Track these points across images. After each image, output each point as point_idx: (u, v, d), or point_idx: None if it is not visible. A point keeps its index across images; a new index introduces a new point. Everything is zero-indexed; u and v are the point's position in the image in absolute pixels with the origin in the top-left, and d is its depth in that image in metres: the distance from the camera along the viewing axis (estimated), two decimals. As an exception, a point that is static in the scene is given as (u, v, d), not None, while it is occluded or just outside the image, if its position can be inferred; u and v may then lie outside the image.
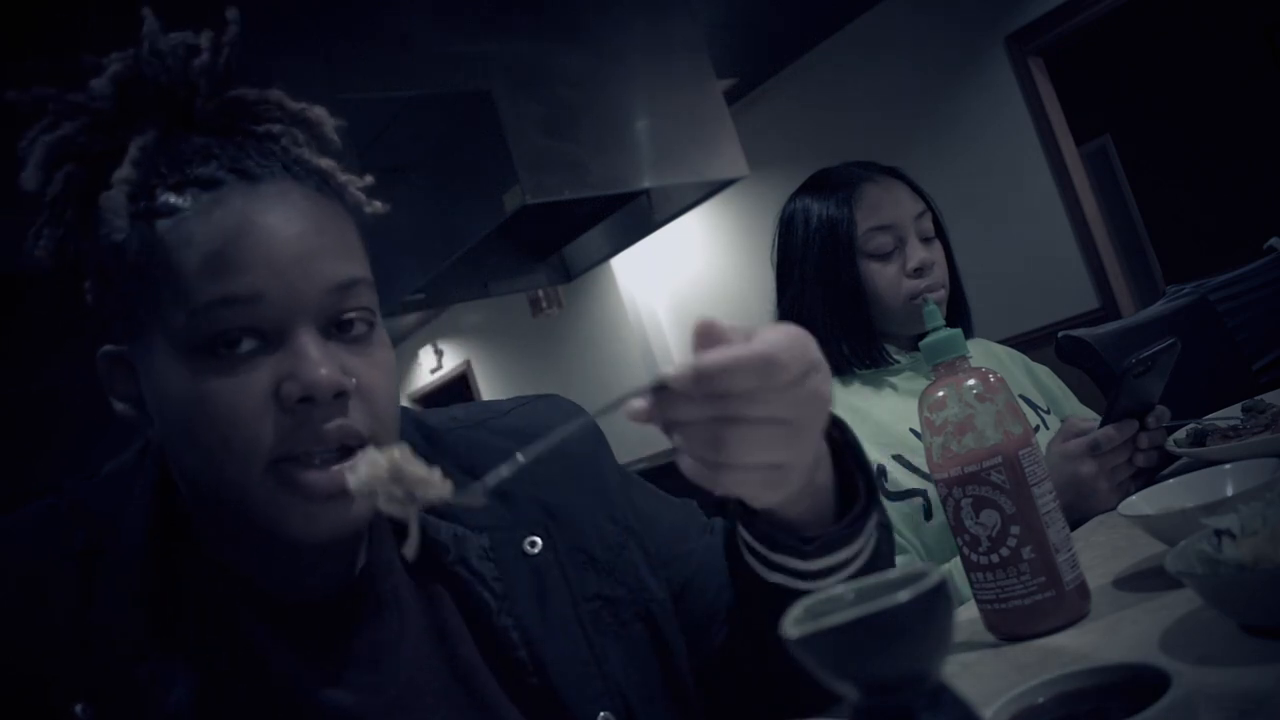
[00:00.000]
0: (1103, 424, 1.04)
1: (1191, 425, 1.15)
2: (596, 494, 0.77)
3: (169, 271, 0.58)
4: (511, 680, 0.68)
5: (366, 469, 0.55)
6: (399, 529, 0.67)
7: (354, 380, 0.61)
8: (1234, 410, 1.15)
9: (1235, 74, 5.22)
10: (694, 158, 3.64)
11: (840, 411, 1.27)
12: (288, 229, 0.60)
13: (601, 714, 0.68)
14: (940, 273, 1.33)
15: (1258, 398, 1.15)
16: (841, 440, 0.65)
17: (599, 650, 0.71)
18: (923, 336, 0.80)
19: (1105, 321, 2.75)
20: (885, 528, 0.67)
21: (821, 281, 1.32)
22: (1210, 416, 1.18)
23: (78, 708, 0.57)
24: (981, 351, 1.47)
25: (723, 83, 4.10)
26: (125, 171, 0.60)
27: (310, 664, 0.64)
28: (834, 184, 1.35)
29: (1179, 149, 5.52)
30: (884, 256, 1.31)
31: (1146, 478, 1.06)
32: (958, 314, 1.40)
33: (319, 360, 0.59)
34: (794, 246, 1.36)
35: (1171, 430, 1.15)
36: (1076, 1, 3.87)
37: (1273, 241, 2.20)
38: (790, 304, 1.37)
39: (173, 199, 0.60)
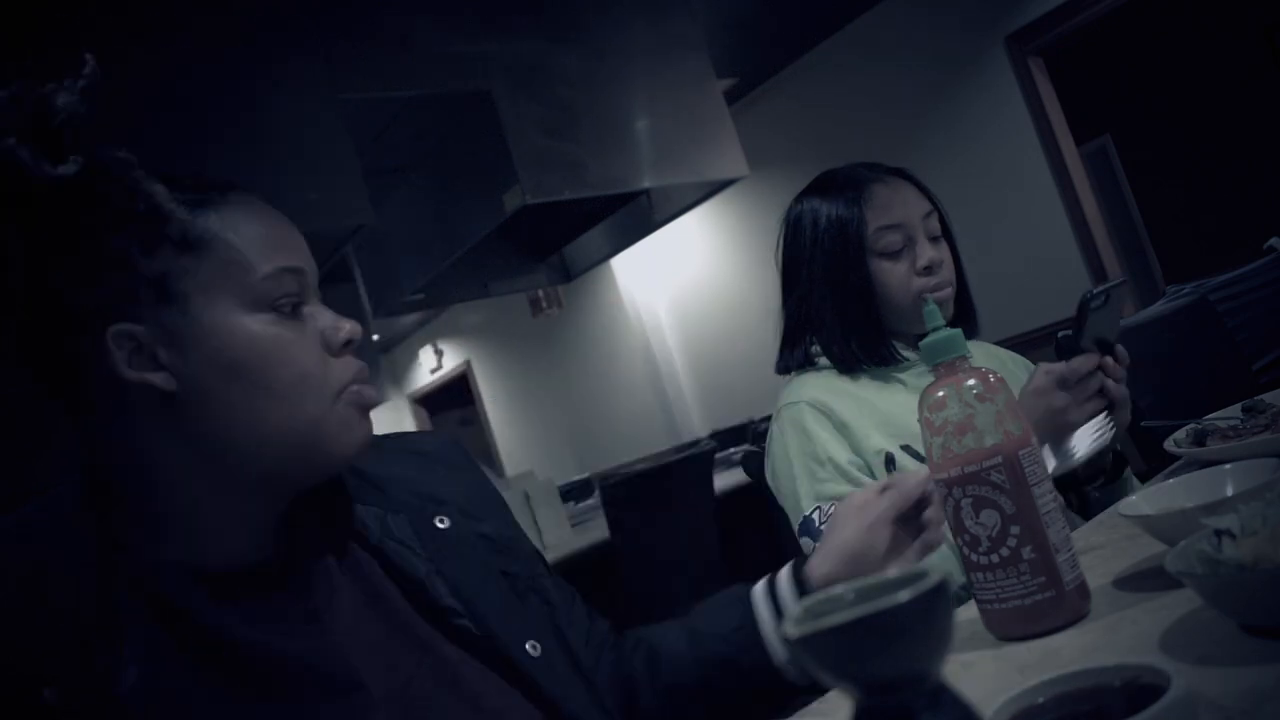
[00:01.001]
0: (1066, 358, 1.11)
1: (1191, 425, 1.15)
2: (484, 499, 0.91)
3: (231, 247, 0.72)
4: (445, 625, 0.79)
5: None
6: (319, 510, 0.80)
7: None
8: (1234, 410, 1.15)
9: (1235, 74, 5.22)
10: (694, 158, 3.65)
11: (848, 402, 1.28)
12: (292, 225, 0.79)
13: (529, 644, 0.80)
14: (948, 271, 1.34)
15: (1258, 398, 1.15)
16: None
17: (515, 602, 0.84)
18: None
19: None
20: None
21: (831, 281, 1.33)
22: (1210, 416, 1.18)
23: (46, 692, 0.64)
24: (984, 354, 1.48)
25: (723, 83, 4.10)
26: (139, 172, 0.70)
27: (253, 624, 0.72)
28: (842, 184, 1.35)
29: (1179, 149, 5.52)
30: (893, 255, 1.31)
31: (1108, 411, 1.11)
32: (964, 312, 1.40)
33: (344, 317, 0.77)
34: (802, 246, 1.36)
35: (1172, 429, 1.15)
36: (1076, 1, 3.87)
37: (1273, 241, 2.20)
38: (798, 303, 1.37)
39: (209, 195, 0.74)
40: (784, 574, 0.89)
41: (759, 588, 0.89)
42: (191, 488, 0.73)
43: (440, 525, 0.84)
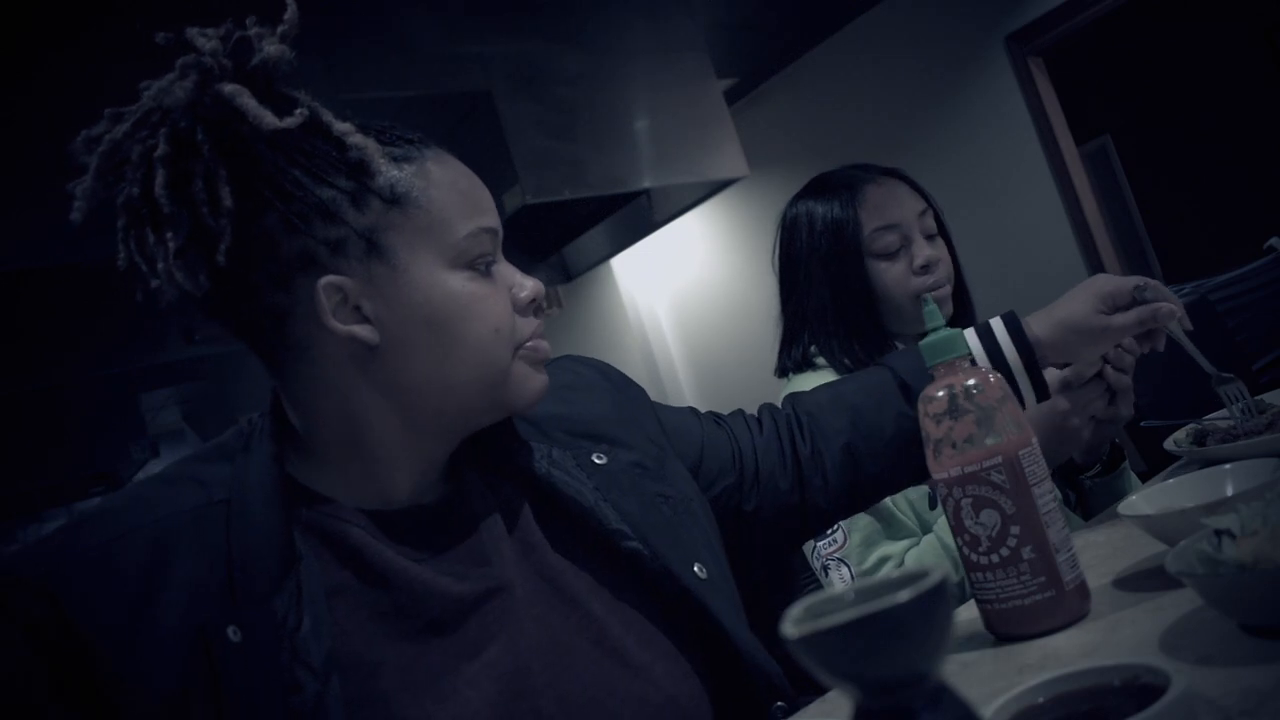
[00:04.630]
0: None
1: (1191, 425, 1.15)
2: (632, 420, 0.93)
3: (436, 204, 0.75)
4: (615, 551, 0.81)
5: None
6: (498, 453, 0.84)
7: None
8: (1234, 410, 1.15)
9: (1235, 74, 5.22)
10: (694, 158, 3.64)
11: None
12: (485, 187, 0.82)
13: (695, 566, 0.82)
14: (945, 269, 1.35)
15: (1258, 398, 1.15)
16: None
17: (677, 525, 0.86)
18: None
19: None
20: None
21: (829, 283, 1.33)
22: (1210, 416, 1.18)
23: (230, 630, 0.67)
24: None
25: (723, 83, 4.10)
26: (344, 125, 0.73)
27: (421, 560, 0.75)
28: (836, 186, 1.36)
29: (1179, 149, 5.52)
30: (890, 256, 1.32)
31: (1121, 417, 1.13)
32: (963, 309, 1.41)
33: (531, 277, 0.81)
34: (799, 250, 1.37)
35: (1172, 429, 1.15)
36: (1076, 1, 3.87)
37: (1273, 241, 2.19)
38: (797, 306, 1.38)
39: (414, 149, 0.77)
40: (997, 321, 0.96)
41: (970, 331, 0.95)
42: (381, 429, 0.76)
43: (598, 461, 0.86)
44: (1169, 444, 1.09)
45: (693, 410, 1.03)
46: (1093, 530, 0.98)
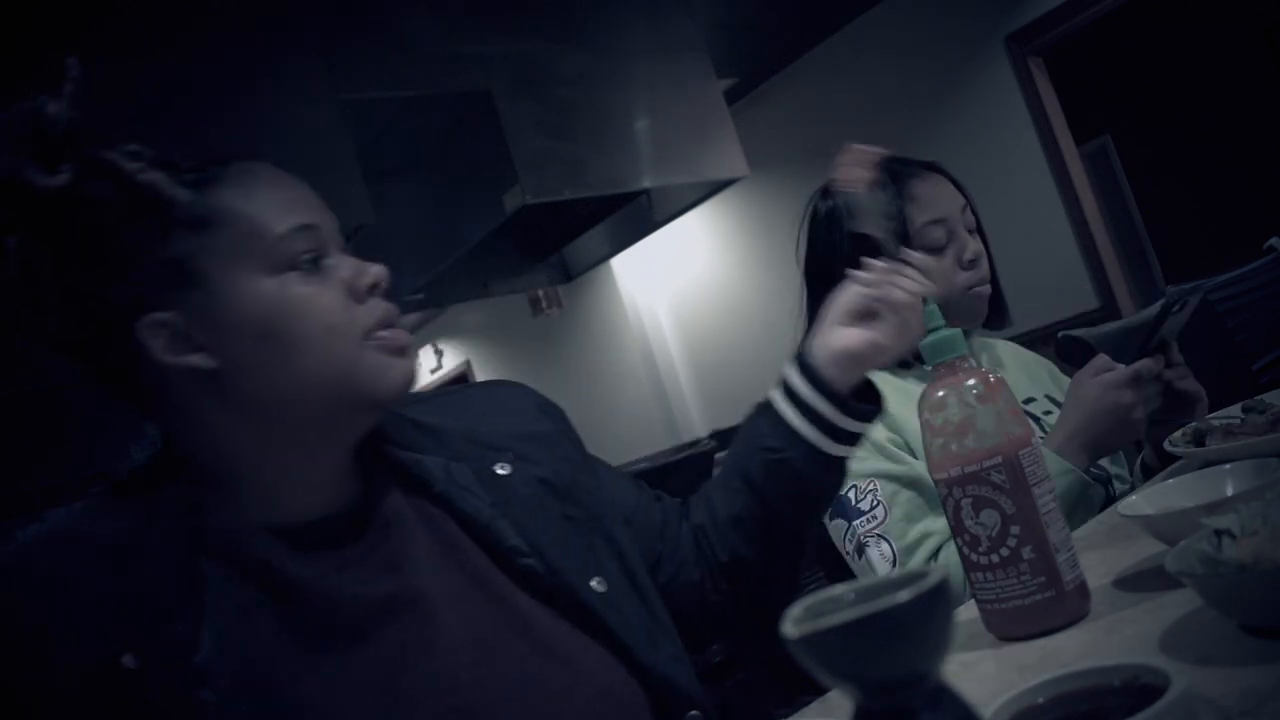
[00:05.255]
0: (1139, 356, 1.14)
1: (1192, 425, 1.15)
2: (546, 444, 0.92)
3: (243, 216, 0.74)
4: (512, 568, 0.80)
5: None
6: (391, 472, 0.83)
7: None
8: (1234, 410, 1.15)
9: (1235, 74, 5.22)
10: (694, 158, 3.64)
11: (901, 398, 1.28)
12: (302, 184, 0.81)
13: (594, 579, 0.82)
14: (985, 265, 1.35)
15: (1258, 398, 1.15)
16: None
17: (578, 541, 0.85)
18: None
19: (1105, 322, 2.75)
20: None
21: None
22: (1210, 416, 1.18)
23: (126, 658, 0.66)
24: (1009, 353, 1.48)
25: (723, 83, 4.10)
26: (134, 165, 0.72)
27: (332, 574, 0.75)
28: (879, 178, 1.34)
29: (1179, 149, 5.52)
30: (938, 250, 1.31)
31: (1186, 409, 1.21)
32: (997, 305, 1.41)
33: (368, 262, 0.79)
34: (838, 242, 1.34)
35: (1178, 426, 1.16)
36: (1076, 1, 3.87)
37: (1273, 241, 2.20)
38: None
39: (209, 171, 0.76)
40: (790, 369, 0.94)
41: (775, 392, 0.94)
42: (253, 451, 0.76)
43: (500, 471, 0.85)
44: (1169, 444, 1.09)
45: (634, 479, 1.03)
46: (1093, 530, 0.98)
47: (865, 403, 0.93)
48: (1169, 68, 5.45)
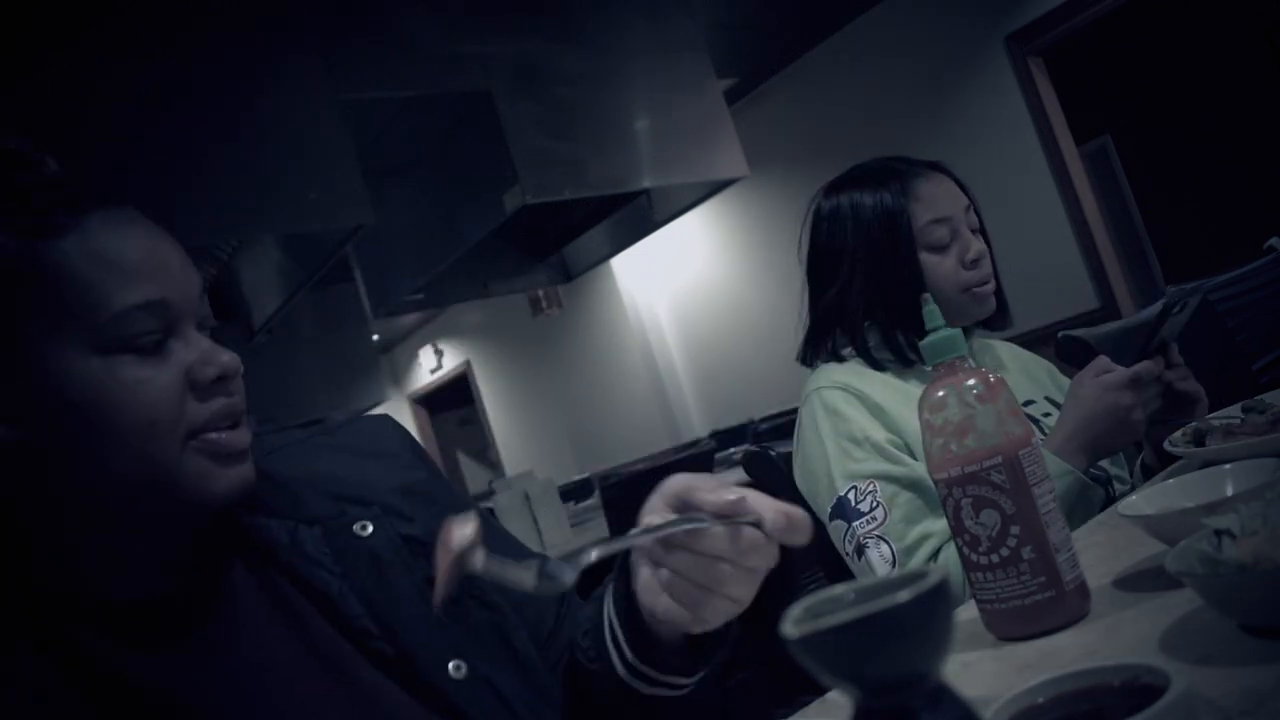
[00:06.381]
0: (1139, 357, 1.15)
1: (1192, 425, 1.15)
2: (418, 492, 0.83)
3: (76, 282, 0.64)
4: (362, 648, 0.72)
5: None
6: (235, 538, 0.74)
7: None
8: (1234, 410, 1.15)
9: (1235, 74, 5.22)
10: (694, 158, 3.65)
11: (880, 387, 1.28)
12: (168, 243, 0.70)
13: (451, 664, 0.73)
14: (988, 265, 1.35)
15: (1258, 398, 1.15)
16: None
17: (439, 618, 0.75)
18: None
19: (1105, 322, 2.75)
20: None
21: (878, 274, 1.31)
22: (1210, 416, 1.18)
23: None
24: (1009, 354, 1.48)
25: (723, 83, 4.10)
26: None
27: (149, 660, 0.68)
28: (883, 177, 1.34)
29: (1179, 149, 5.52)
30: (941, 249, 1.32)
31: (1187, 410, 1.21)
32: (998, 306, 1.41)
33: (219, 348, 0.70)
34: (842, 240, 1.34)
35: (1178, 426, 1.16)
36: (1076, 1, 3.87)
37: (1273, 241, 2.19)
38: (837, 297, 1.35)
39: (56, 218, 0.65)
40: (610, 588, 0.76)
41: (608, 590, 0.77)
42: (64, 527, 0.68)
43: (361, 533, 0.76)
44: (1169, 444, 1.09)
45: (519, 544, 0.91)
46: (1093, 530, 0.98)
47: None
48: (1169, 68, 5.45)
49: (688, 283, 5.84)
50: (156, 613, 0.70)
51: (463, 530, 0.60)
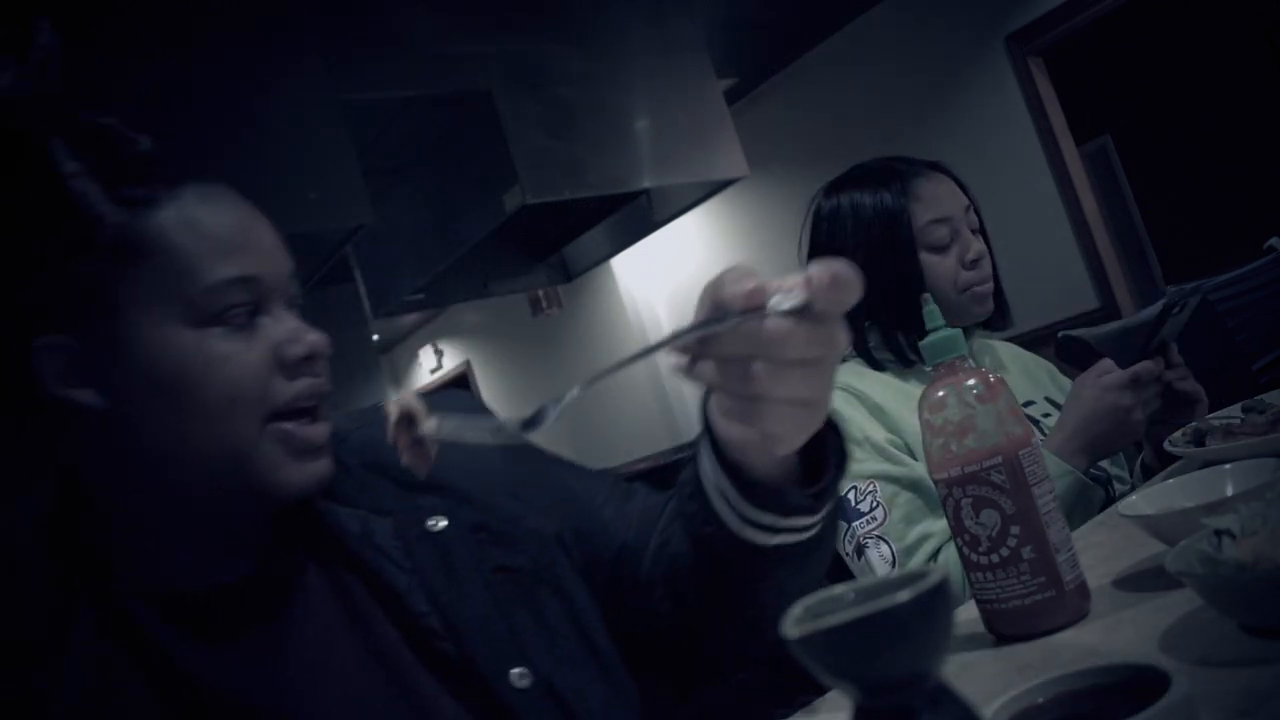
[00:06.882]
0: (1139, 357, 1.15)
1: (1192, 425, 1.15)
2: (491, 472, 0.81)
3: (174, 254, 0.65)
4: (425, 648, 0.71)
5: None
6: (306, 527, 0.74)
7: None
8: (1234, 410, 1.15)
9: (1235, 74, 5.22)
10: (694, 158, 3.64)
11: (879, 387, 1.28)
12: (261, 220, 0.71)
13: (514, 670, 0.70)
14: (988, 265, 1.35)
15: (1258, 398, 1.15)
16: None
17: (508, 616, 0.73)
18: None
19: (1105, 322, 2.75)
20: (838, 505, 0.70)
21: (879, 274, 1.31)
22: (1210, 416, 1.18)
23: None
24: (1009, 355, 1.48)
25: (723, 83, 4.10)
26: (73, 166, 0.64)
27: (212, 650, 0.67)
28: (884, 177, 1.34)
29: (1179, 149, 5.52)
30: (941, 249, 1.32)
31: (1187, 412, 1.21)
32: (999, 306, 1.41)
33: (308, 327, 0.70)
34: (843, 240, 1.34)
35: (1178, 426, 1.16)
36: (1076, 1, 3.87)
37: (1273, 241, 2.20)
38: None
39: (156, 191, 0.67)
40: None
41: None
42: (137, 506, 0.68)
43: (434, 528, 0.75)
44: (1169, 444, 1.10)
45: (606, 480, 0.87)
46: (1093, 530, 0.98)
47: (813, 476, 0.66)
48: (1169, 68, 5.45)
49: (688, 282, 5.84)
50: (224, 604, 0.69)
51: (405, 402, 0.59)
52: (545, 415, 0.57)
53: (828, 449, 0.66)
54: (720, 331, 0.55)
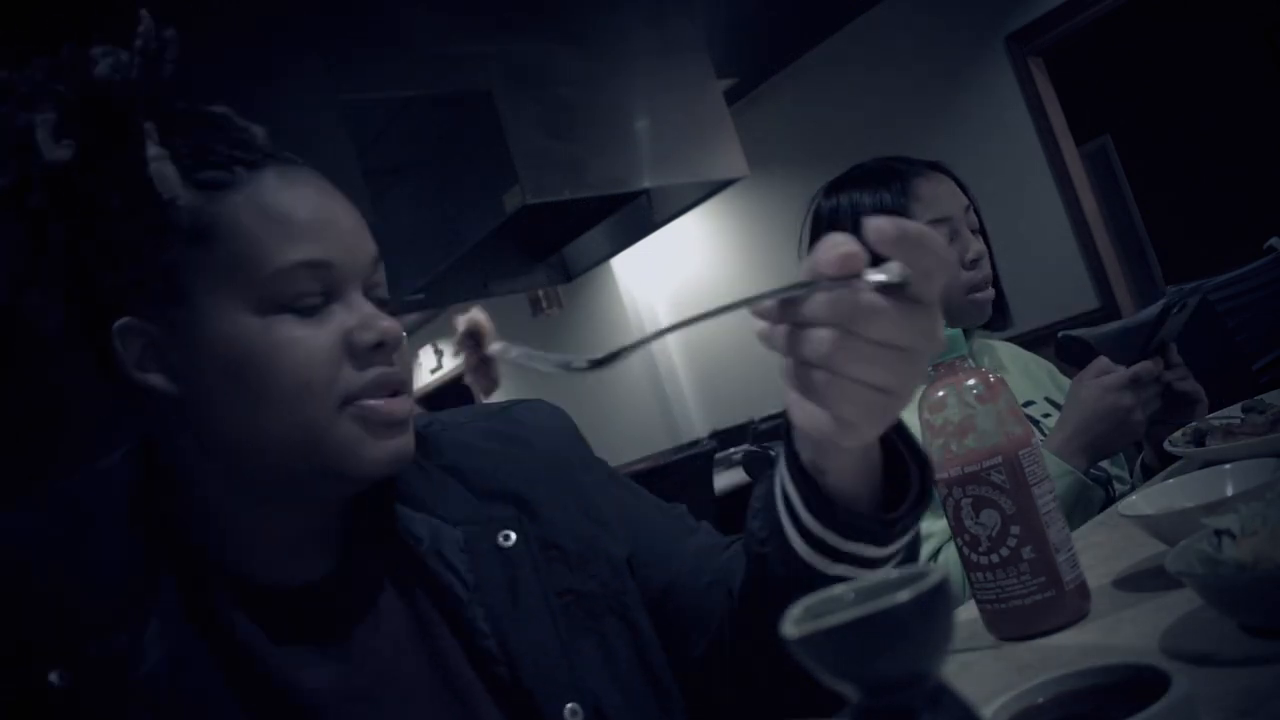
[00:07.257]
0: (1139, 357, 1.15)
1: (1192, 425, 1.15)
2: (569, 489, 0.79)
3: (242, 238, 0.64)
4: (483, 670, 0.70)
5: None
6: (379, 529, 0.72)
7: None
8: (1234, 410, 1.15)
9: (1235, 74, 5.22)
10: (694, 158, 3.64)
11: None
12: (343, 205, 0.70)
13: (569, 706, 0.69)
14: (988, 265, 1.35)
15: (1258, 398, 1.15)
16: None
17: (569, 644, 0.72)
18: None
19: (1105, 322, 2.75)
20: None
21: None
22: (1210, 416, 1.18)
23: (53, 675, 0.60)
24: (1009, 355, 1.48)
25: (723, 83, 4.10)
26: (155, 150, 0.64)
27: (285, 647, 0.67)
28: (884, 177, 1.34)
29: (1179, 149, 5.52)
30: None
31: (1187, 412, 1.20)
32: (999, 306, 1.41)
33: (382, 314, 0.68)
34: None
35: (1178, 426, 1.16)
36: (1076, 1, 3.87)
37: (1273, 241, 2.20)
38: None
39: (234, 174, 0.66)
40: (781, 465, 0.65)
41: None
42: (216, 492, 0.68)
43: (504, 544, 0.72)
44: (1169, 444, 1.10)
45: (680, 515, 0.85)
46: (1093, 530, 0.98)
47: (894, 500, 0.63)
48: (1169, 68, 5.46)
49: (688, 283, 5.84)
50: (304, 603, 0.69)
51: (473, 319, 0.58)
52: (618, 356, 0.54)
53: (910, 482, 0.63)
54: (806, 296, 0.51)
